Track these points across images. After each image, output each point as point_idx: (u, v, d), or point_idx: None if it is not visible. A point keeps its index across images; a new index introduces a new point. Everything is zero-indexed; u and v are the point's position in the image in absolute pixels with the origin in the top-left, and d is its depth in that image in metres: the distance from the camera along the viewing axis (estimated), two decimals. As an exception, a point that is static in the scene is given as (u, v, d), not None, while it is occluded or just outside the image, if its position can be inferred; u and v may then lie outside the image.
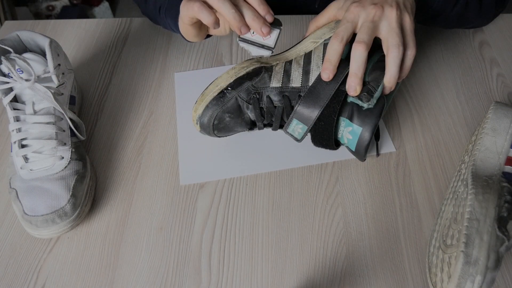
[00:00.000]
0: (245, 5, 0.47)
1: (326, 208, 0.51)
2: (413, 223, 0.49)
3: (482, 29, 0.72)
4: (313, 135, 0.50)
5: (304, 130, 0.48)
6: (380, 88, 0.46)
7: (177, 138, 0.58)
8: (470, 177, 0.45)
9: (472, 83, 0.64)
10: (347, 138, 0.49)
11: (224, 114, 0.50)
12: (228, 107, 0.49)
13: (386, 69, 0.46)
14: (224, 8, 0.46)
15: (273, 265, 0.47)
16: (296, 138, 0.50)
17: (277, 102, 0.49)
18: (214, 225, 0.49)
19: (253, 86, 0.49)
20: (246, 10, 0.47)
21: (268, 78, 0.49)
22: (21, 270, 0.46)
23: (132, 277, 0.46)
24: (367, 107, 0.46)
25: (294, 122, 0.48)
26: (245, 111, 0.50)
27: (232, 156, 0.56)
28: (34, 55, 0.50)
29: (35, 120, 0.48)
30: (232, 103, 0.49)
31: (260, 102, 0.49)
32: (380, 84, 0.46)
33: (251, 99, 0.49)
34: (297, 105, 0.47)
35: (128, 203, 0.52)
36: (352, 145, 0.49)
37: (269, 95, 0.49)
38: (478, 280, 0.37)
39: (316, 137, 0.50)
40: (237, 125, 0.51)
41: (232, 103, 0.49)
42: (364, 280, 0.45)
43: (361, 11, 0.46)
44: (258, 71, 0.49)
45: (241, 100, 0.49)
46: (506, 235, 0.39)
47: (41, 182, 0.47)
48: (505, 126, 0.48)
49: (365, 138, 0.47)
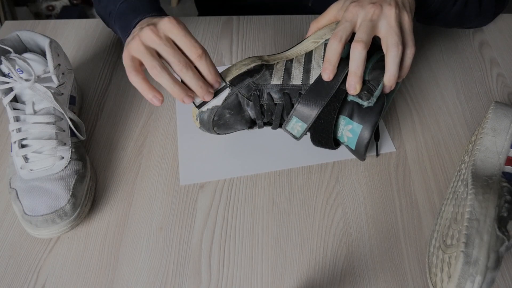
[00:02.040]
0: (189, 73, 0.45)
1: (326, 208, 0.51)
2: (413, 223, 0.49)
3: (482, 29, 0.72)
4: (313, 133, 0.50)
5: (303, 128, 0.48)
6: (380, 86, 0.46)
7: (177, 138, 0.58)
8: (470, 177, 0.45)
9: (472, 83, 0.64)
10: (347, 136, 0.49)
11: (224, 111, 0.49)
12: (228, 103, 0.49)
13: (386, 68, 0.46)
14: (164, 81, 0.44)
15: (273, 265, 0.47)
16: (295, 136, 0.50)
17: (278, 99, 0.49)
18: (214, 225, 0.49)
19: (254, 83, 0.49)
20: (190, 79, 0.45)
21: (269, 75, 0.49)
22: (21, 270, 0.46)
23: (132, 277, 0.46)
24: (367, 105, 0.46)
25: (293, 120, 0.48)
26: (245, 108, 0.50)
27: (232, 156, 0.56)
28: (34, 55, 0.50)
29: (35, 120, 0.48)
30: (233, 100, 0.49)
31: (260, 99, 0.49)
32: (380, 82, 0.46)
33: (252, 95, 0.49)
34: (297, 103, 0.47)
35: (128, 203, 0.52)
36: (352, 143, 0.49)
37: (270, 92, 0.49)
38: (478, 280, 0.37)
39: (316, 135, 0.50)
40: (237, 122, 0.51)
41: (233, 99, 0.49)
42: (364, 280, 0.45)
43: (359, 10, 0.46)
44: (259, 68, 0.49)
45: (242, 97, 0.49)
46: (506, 235, 0.39)
47: (41, 182, 0.47)
48: (505, 126, 0.48)
49: (365, 136, 0.47)
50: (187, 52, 0.45)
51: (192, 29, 0.73)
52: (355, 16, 0.46)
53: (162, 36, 0.45)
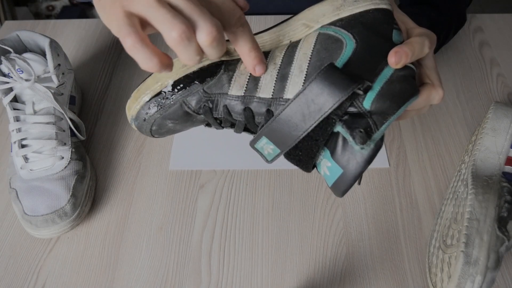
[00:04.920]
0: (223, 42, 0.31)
1: (326, 208, 0.51)
2: (413, 223, 0.49)
3: (482, 29, 0.72)
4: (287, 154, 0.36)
5: (275, 152, 0.35)
6: (384, 127, 0.32)
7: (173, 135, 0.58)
8: (470, 177, 0.45)
9: (472, 83, 0.64)
10: (324, 171, 0.35)
11: (165, 121, 0.37)
12: (169, 113, 0.36)
13: None
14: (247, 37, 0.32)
15: (273, 265, 0.47)
16: (265, 158, 0.37)
17: (237, 115, 0.36)
18: (214, 225, 0.49)
19: (205, 91, 0.35)
20: None
21: (226, 81, 0.35)
22: (21, 270, 0.46)
23: (132, 277, 0.46)
24: (359, 151, 0.32)
25: (263, 140, 0.35)
26: (195, 116, 0.37)
27: (228, 148, 0.55)
28: (34, 55, 0.50)
29: (35, 120, 0.48)
30: (176, 110, 0.36)
31: (213, 112, 0.36)
32: (388, 120, 0.32)
33: (201, 108, 0.36)
34: (270, 121, 0.33)
35: (128, 203, 0.52)
36: (328, 181, 0.35)
37: (227, 105, 0.35)
38: (478, 280, 0.37)
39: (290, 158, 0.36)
40: (185, 127, 0.39)
41: (176, 109, 0.36)
42: (364, 280, 0.45)
43: None
44: (214, 69, 0.35)
45: (188, 108, 0.36)
46: (506, 235, 0.39)
47: (41, 182, 0.47)
48: (505, 126, 0.48)
49: (345, 182, 0.33)
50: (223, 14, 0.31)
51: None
52: None
53: None
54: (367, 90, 0.32)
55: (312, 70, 0.34)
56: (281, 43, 0.36)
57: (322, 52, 0.34)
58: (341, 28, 0.35)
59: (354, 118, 0.32)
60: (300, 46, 0.35)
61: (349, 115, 0.32)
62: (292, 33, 0.36)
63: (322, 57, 0.34)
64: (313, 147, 0.34)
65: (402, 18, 0.39)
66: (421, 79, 0.37)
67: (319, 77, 0.32)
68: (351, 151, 0.32)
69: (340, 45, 0.34)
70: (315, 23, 0.36)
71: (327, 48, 0.35)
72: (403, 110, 0.33)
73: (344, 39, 0.35)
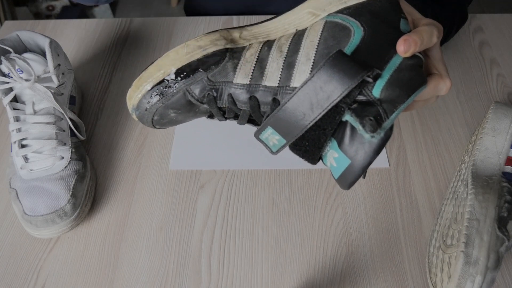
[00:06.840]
0: None
1: (326, 208, 0.51)
2: (413, 223, 0.49)
3: (482, 29, 0.72)
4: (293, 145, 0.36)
5: (281, 143, 0.34)
6: (394, 115, 0.31)
7: (174, 133, 0.58)
8: (470, 177, 0.45)
9: (472, 83, 0.64)
10: (330, 163, 0.35)
11: (168, 110, 0.36)
12: (172, 102, 0.35)
13: None
14: None
15: (273, 265, 0.47)
16: (270, 149, 0.36)
17: (242, 105, 0.35)
18: (214, 225, 0.49)
19: (209, 79, 0.35)
20: None
21: (231, 69, 0.34)
22: (21, 270, 0.46)
23: (132, 277, 0.46)
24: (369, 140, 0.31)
25: (268, 130, 0.34)
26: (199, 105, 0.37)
27: (228, 147, 0.55)
28: (34, 55, 0.50)
29: (35, 120, 0.48)
30: (179, 98, 0.35)
31: (218, 101, 0.35)
32: (398, 109, 0.31)
33: (205, 97, 0.35)
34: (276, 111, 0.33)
35: (128, 203, 0.52)
36: (335, 173, 0.35)
37: (232, 94, 0.35)
38: (478, 280, 0.37)
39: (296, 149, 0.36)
40: (188, 118, 0.39)
41: (179, 98, 0.35)
42: (364, 280, 0.45)
43: None
44: (219, 57, 0.35)
45: (191, 97, 0.35)
46: (506, 235, 0.39)
47: (41, 182, 0.47)
48: (505, 126, 0.48)
49: (351, 174, 0.33)
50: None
51: (192, 29, 0.73)
52: None
53: None
54: (376, 78, 0.32)
55: (320, 58, 0.33)
56: (287, 32, 0.36)
57: (330, 40, 0.34)
58: (348, 15, 0.35)
59: (364, 106, 0.31)
60: (306, 34, 0.35)
61: (358, 104, 0.32)
62: (298, 21, 0.36)
63: (329, 45, 0.34)
64: (321, 137, 0.33)
65: (408, 9, 0.39)
66: (428, 69, 0.37)
67: (327, 64, 0.31)
68: (359, 140, 0.31)
69: (347, 33, 0.34)
70: (322, 11, 0.35)
71: (334, 36, 0.34)
72: (412, 100, 0.32)
73: (352, 26, 0.34)
